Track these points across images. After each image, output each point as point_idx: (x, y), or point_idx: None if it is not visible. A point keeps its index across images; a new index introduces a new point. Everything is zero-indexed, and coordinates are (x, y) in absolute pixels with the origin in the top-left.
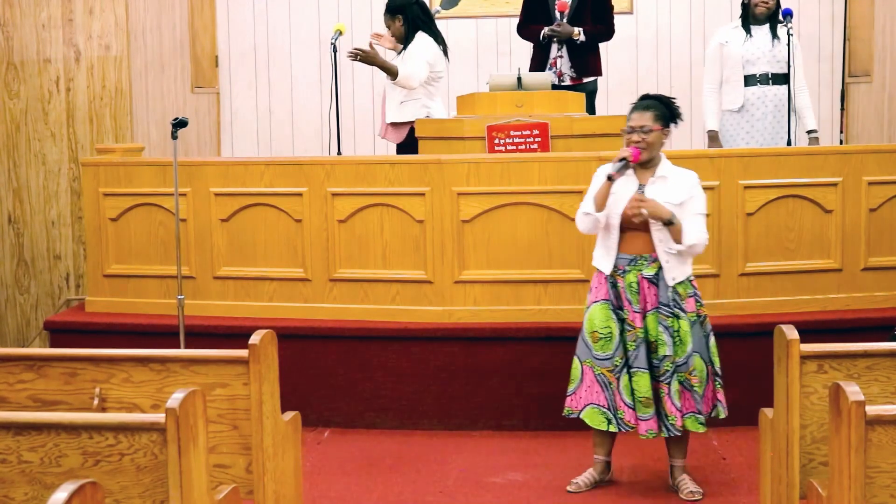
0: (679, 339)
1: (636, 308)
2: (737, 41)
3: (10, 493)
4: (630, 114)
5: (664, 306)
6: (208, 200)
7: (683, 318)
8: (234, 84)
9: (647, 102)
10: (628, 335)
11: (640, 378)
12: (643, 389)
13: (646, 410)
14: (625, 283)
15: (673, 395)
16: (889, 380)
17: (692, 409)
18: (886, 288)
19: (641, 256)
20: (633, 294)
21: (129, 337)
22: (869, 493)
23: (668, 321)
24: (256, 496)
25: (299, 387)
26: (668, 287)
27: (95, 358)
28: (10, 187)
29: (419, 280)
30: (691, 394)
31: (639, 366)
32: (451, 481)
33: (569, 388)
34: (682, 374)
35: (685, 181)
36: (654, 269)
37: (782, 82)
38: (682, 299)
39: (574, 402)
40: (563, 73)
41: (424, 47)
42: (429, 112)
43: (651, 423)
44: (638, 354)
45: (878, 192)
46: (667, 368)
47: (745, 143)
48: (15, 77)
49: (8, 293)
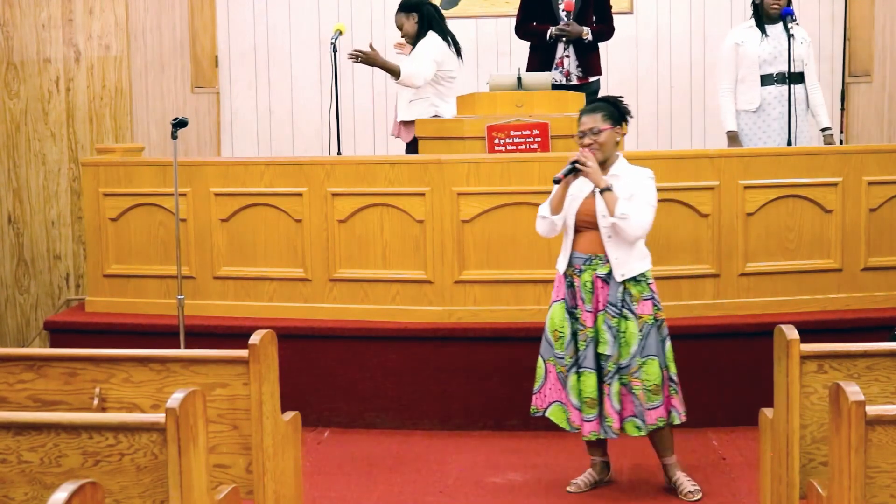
0: (624, 341)
1: (588, 307)
2: (752, 41)
3: (10, 493)
4: (580, 118)
5: (612, 306)
6: (208, 200)
7: (631, 319)
8: (234, 84)
9: (594, 105)
10: (580, 335)
11: (588, 378)
12: (589, 390)
13: (590, 411)
14: (580, 283)
15: (612, 397)
16: (889, 380)
17: (632, 414)
18: (886, 288)
19: (596, 256)
20: (588, 293)
21: (129, 337)
22: (869, 493)
23: (612, 321)
24: (256, 496)
25: (299, 387)
26: (618, 286)
27: (95, 358)
28: (10, 187)
29: (419, 280)
30: (632, 398)
31: (587, 366)
32: (451, 481)
33: (534, 387)
34: (625, 377)
35: (638, 177)
36: (607, 269)
37: (798, 81)
38: (634, 301)
39: (540, 401)
40: (571, 72)
41: (432, 46)
42: (437, 112)
43: (594, 425)
44: (587, 354)
45: (878, 192)
46: (609, 369)
47: (764, 143)
48: (15, 77)
49: (8, 293)
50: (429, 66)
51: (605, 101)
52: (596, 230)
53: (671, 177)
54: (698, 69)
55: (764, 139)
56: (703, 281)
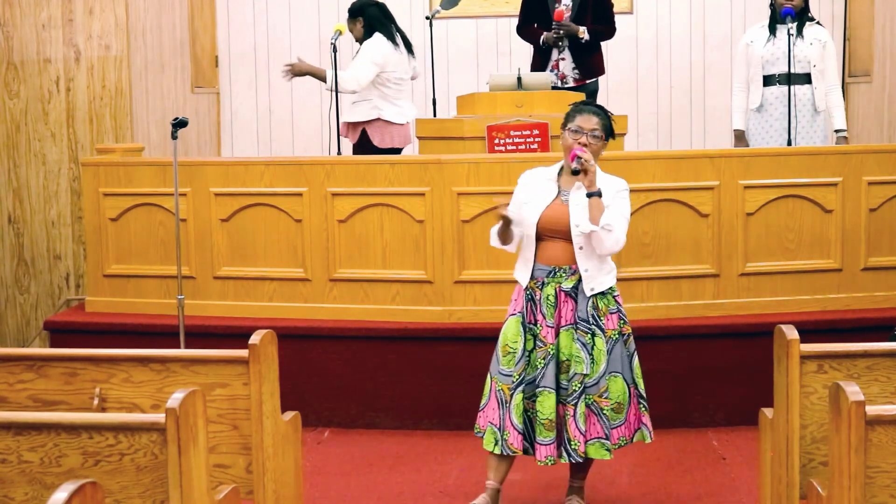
0: (592, 358)
1: (550, 323)
2: (760, 41)
3: (10, 493)
4: (576, 114)
5: (582, 321)
6: (208, 200)
7: (600, 335)
8: (234, 84)
9: (594, 109)
10: (539, 352)
11: (546, 398)
12: (547, 411)
13: (547, 434)
14: (542, 296)
15: (578, 419)
16: (889, 380)
17: (598, 435)
18: (886, 288)
19: (560, 268)
20: (550, 308)
21: (129, 337)
22: (869, 493)
23: (584, 337)
24: (256, 496)
25: (299, 387)
26: (587, 300)
27: (95, 358)
28: (10, 187)
29: (419, 280)
30: (599, 418)
31: (546, 385)
32: (451, 481)
33: (481, 403)
34: (591, 397)
35: (612, 186)
36: (573, 282)
37: (803, 82)
38: (602, 315)
39: (482, 421)
40: (566, 74)
41: (372, 49)
42: (380, 114)
43: (551, 449)
44: (546, 373)
45: (878, 192)
46: (575, 389)
47: (766, 143)
48: (15, 77)
49: (8, 293)
50: (366, 70)
51: (605, 113)
52: (563, 240)
53: (671, 177)
54: (698, 69)
55: (766, 139)
56: (703, 281)
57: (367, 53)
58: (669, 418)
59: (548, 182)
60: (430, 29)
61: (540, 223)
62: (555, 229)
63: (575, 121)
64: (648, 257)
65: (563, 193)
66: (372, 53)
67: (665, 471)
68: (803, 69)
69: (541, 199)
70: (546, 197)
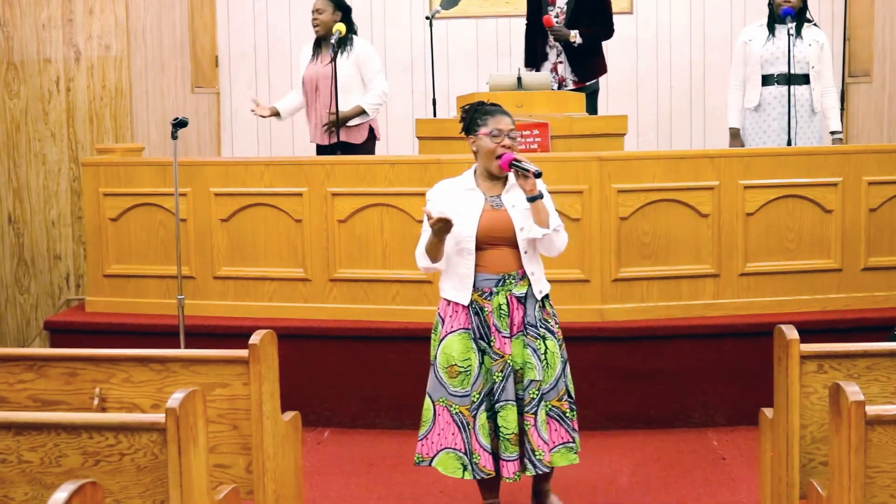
0: (546, 363)
1: (505, 333)
2: (759, 40)
3: (10, 493)
4: (493, 113)
5: (531, 327)
6: (208, 200)
7: (550, 338)
8: (234, 84)
9: (500, 107)
10: (494, 365)
11: (509, 412)
12: (511, 425)
13: (513, 449)
14: (493, 307)
15: (540, 427)
16: (889, 380)
17: (563, 440)
18: (886, 288)
19: (509, 275)
20: (503, 318)
21: (129, 337)
22: (869, 493)
23: (535, 343)
24: (256, 496)
25: (299, 387)
26: (535, 304)
27: (95, 358)
28: (10, 187)
29: (419, 280)
30: (561, 423)
31: (507, 398)
32: (451, 481)
33: (420, 432)
34: (550, 402)
35: (538, 185)
36: (524, 287)
37: (801, 82)
38: (549, 318)
39: (425, 448)
40: (566, 77)
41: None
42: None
43: (517, 465)
44: (506, 386)
45: (878, 192)
46: (532, 397)
47: (763, 143)
48: (15, 77)
49: (8, 293)
50: (383, 80)
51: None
52: (507, 246)
53: (671, 177)
54: (698, 69)
55: (763, 139)
56: (703, 281)
57: (374, 65)
58: (669, 418)
59: (467, 192)
60: (430, 29)
61: (480, 232)
62: (498, 236)
63: (488, 124)
64: (648, 257)
65: (491, 199)
66: (376, 62)
67: (665, 471)
68: (802, 70)
69: (469, 210)
70: (474, 206)
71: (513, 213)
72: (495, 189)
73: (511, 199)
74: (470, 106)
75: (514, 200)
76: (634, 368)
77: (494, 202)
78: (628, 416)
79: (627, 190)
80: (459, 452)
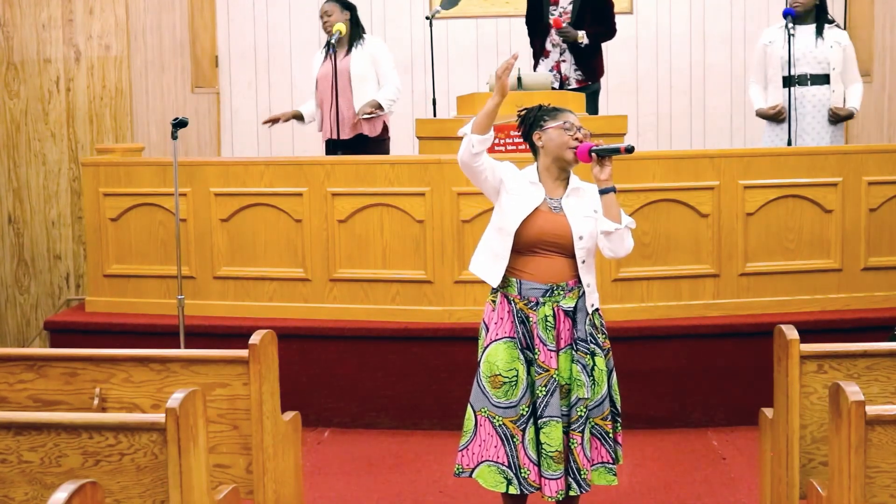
0: (593, 379)
1: (551, 346)
2: (779, 42)
3: (10, 493)
4: (558, 112)
5: (581, 342)
6: (208, 200)
7: (600, 354)
8: (234, 84)
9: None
10: (538, 379)
11: (554, 429)
12: (556, 442)
13: (557, 467)
14: (538, 318)
15: (585, 446)
16: (889, 380)
17: (603, 460)
18: (886, 288)
19: (558, 285)
20: (549, 331)
21: (129, 337)
22: (869, 493)
23: (585, 359)
24: (256, 496)
25: (299, 387)
26: (586, 317)
27: (95, 358)
28: (10, 187)
29: (419, 280)
30: (602, 441)
31: (551, 414)
32: (451, 481)
33: (460, 442)
34: (594, 420)
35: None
36: (573, 300)
37: (823, 83)
38: (598, 332)
39: (466, 460)
40: (569, 76)
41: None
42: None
43: (560, 483)
44: (550, 401)
45: (878, 192)
46: (580, 415)
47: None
48: (15, 77)
49: (8, 293)
50: (396, 76)
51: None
52: (559, 255)
53: (671, 177)
54: (698, 70)
55: (782, 136)
56: (703, 281)
57: (388, 61)
58: (669, 418)
59: (530, 185)
60: (430, 29)
61: (532, 234)
62: (551, 242)
63: (558, 118)
64: (648, 257)
65: (551, 201)
66: (390, 59)
67: (665, 471)
68: (823, 70)
69: (525, 200)
70: (531, 200)
71: (572, 219)
72: (556, 191)
73: (571, 205)
74: (529, 108)
75: (573, 206)
76: (634, 368)
77: (553, 204)
78: (628, 416)
79: (627, 190)
80: (502, 466)
